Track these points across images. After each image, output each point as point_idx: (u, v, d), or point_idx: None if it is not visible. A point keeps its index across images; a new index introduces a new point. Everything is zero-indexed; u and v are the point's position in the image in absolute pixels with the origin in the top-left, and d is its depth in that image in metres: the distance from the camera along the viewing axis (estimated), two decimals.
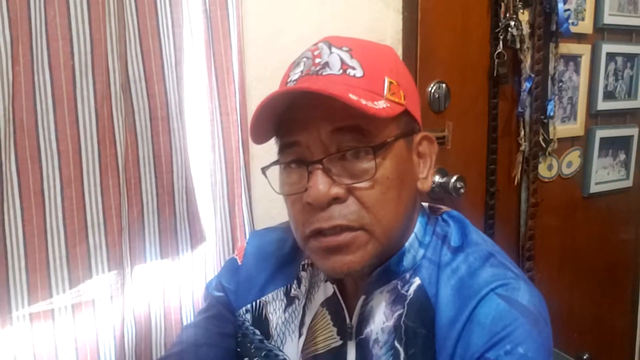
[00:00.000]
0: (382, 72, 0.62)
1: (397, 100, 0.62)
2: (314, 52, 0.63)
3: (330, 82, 0.59)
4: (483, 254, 0.65)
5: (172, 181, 1.01)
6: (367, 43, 0.66)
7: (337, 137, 0.59)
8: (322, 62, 0.61)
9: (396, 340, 0.64)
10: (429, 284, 0.64)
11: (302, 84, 0.61)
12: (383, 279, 0.66)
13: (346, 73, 0.60)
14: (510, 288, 0.60)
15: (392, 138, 0.61)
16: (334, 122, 0.59)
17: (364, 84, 0.60)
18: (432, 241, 0.68)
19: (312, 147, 0.60)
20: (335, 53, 0.61)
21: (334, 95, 0.55)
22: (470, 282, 0.62)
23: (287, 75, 0.65)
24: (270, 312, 0.76)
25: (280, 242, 0.79)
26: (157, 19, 0.96)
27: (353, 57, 0.61)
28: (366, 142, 0.60)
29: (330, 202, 0.59)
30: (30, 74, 0.85)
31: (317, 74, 0.60)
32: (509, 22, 1.39)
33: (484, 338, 0.58)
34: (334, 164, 0.60)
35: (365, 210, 0.60)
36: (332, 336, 0.69)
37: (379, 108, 0.57)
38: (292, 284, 0.76)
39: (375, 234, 0.61)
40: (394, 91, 0.62)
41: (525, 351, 0.57)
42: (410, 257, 0.66)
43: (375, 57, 0.64)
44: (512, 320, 0.58)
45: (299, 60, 0.64)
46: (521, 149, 1.52)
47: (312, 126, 0.60)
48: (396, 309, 0.65)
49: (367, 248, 0.61)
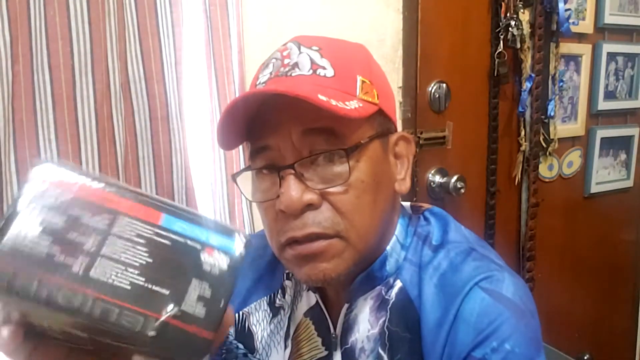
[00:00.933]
0: (353, 71, 0.60)
1: (370, 100, 0.59)
2: (282, 53, 0.61)
3: (299, 83, 0.57)
4: (464, 249, 0.63)
5: (172, 181, 1.01)
6: (338, 42, 0.64)
7: (308, 140, 0.57)
8: (292, 62, 0.59)
9: (380, 347, 0.62)
10: (410, 285, 0.62)
11: (270, 85, 0.59)
12: (366, 285, 0.64)
13: (316, 73, 0.58)
14: (495, 280, 0.59)
15: (366, 139, 0.59)
16: (305, 123, 0.56)
17: (335, 83, 0.58)
18: (412, 242, 0.66)
19: (283, 150, 0.58)
20: (305, 53, 0.59)
21: (301, 97, 0.53)
22: (453, 279, 0.60)
23: (256, 77, 0.63)
24: (254, 324, 0.74)
25: (261, 249, 0.76)
26: (157, 19, 0.96)
27: (323, 56, 0.59)
28: (339, 145, 0.57)
29: (303, 209, 0.57)
30: (30, 73, 0.85)
31: (286, 75, 0.58)
32: (510, 21, 1.39)
33: (469, 336, 0.56)
34: (306, 168, 0.58)
35: (340, 216, 0.58)
36: (317, 347, 0.67)
37: (350, 108, 0.55)
38: (277, 294, 0.73)
39: (351, 241, 0.59)
40: (366, 90, 0.59)
41: (512, 347, 0.55)
42: (392, 261, 0.64)
43: (347, 55, 0.62)
44: (497, 315, 0.56)
45: (268, 61, 0.62)
46: (522, 148, 1.52)
47: (282, 129, 0.57)
48: (380, 315, 0.63)
49: (343, 255, 0.59)
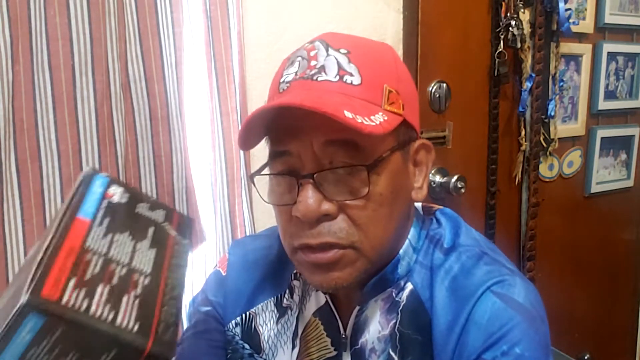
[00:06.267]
0: (381, 79, 0.59)
1: (395, 111, 0.58)
2: (309, 52, 0.59)
3: (325, 92, 0.56)
4: (476, 252, 0.63)
5: (172, 181, 1.01)
6: (366, 44, 0.63)
7: (329, 150, 0.56)
8: (318, 65, 0.58)
9: (391, 348, 0.63)
10: (421, 288, 0.63)
11: (295, 91, 0.58)
12: (378, 288, 0.64)
13: (343, 80, 0.57)
14: (506, 285, 0.59)
15: (387, 152, 0.58)
16: (327, 134, 0.55)
17: (361, 92, 0.57)
18: (424, 245, 0.66)
19: (303, 158, 0.57)
20: (333, 56, 0.58)
21: (328, 114, 0.51)
22: (465, 282, 0.60)
23: (280, 74, 0.62)
24: (260, 324, 0.73)
25: (266, 249, 0.76)
26: (157, 19, 0.96)
27: (351, 61, 0.58)
28: (360, 159, 0.56)
29: (319, 219, 0.57)
30: (30, 73, 0.85)
31: (311, 79, 0.57)
32: (510, 21, 1.39)
33: (480, 339, 0.57)
34: (326, 178, 0.57)
35: (355, 227, 0.58)
36: (327, 347, 0.67)
37: (375, 124, 0.54)
38: (284, 294, 0.73)
39: (364, 252, 0.59)
40: (392, 100, 0.58)
41: (522, 351, 0.55)
42: (405, 264, 0.64)
43: (375, 61, 0.60)
44: (509, 320, 0.57)
45: (294, 58, 0.61)
46: (522, 148, 1.52)
47: (304, 136, 0.57)
48: (391, 317, 0.64)
49: (356, 265, 0.59)
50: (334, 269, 0.59)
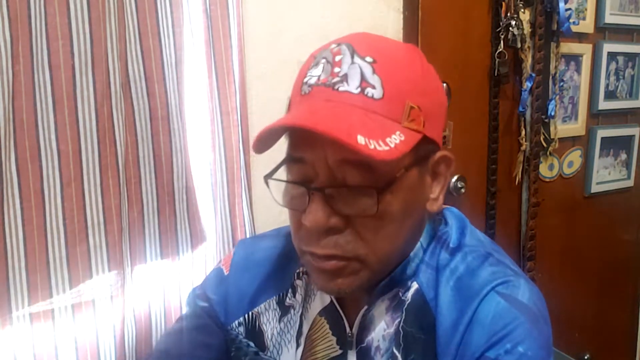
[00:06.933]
0: (404, 94, 0.57)
1: (414, 128, 0.57)
2: (335, 57, 0.58)
3: (344, 106, 0.56)
4: (481, 253, 0.64)
5: (173, 181, 1.01)
6: (394, 52, 0.61)
7: (344, 168, 0.56)
8: (341, 73, 0.57)
9: (394, 347, 0.63)
10: (427, 287, 0.63)
11: (314, 100, 0.57)
12: (387, 289, 0.65)
13: (364, 93, 0.56)
14: (511, 286, 0.60)
15: (401, 172, 0.57)
16: (342, 152, 0.54)
17: (381, 107, 0.56)
18: (431, 245, 0.66)
19: (317, 168, 0.57)
20: (357, 64, 0.57)
21: (340, 141, 0.51)
22: (470, 282, 0.61)
23: (304, 73, 0.61)
24: (264, 323, 0.74)
25: (269, 249, 0.77)
26: (157, 19, 0.96)
27: (375, 72, 0.57)
28: (373, 180, 0.56)
29: (327, 231, 0.57)
30: (31, 73, 0.85)
31: (333, 88, 0.57)
32: (510, 21, 1.39)
33: (484, 337, 0.58)
34: (337, 193, 0.57)
35: (362, 241, 0.58)
36: (332, 345, 0.68)
37: (390, 149, 0.53)
38: (287, 293, 0.74)
39: (369, 264, 0.59)
40: (413, 117, 0.57)
41: (525, 350, 0.56)
42: (413, 265, 0.65)
43: (400, 73, 0.58)
44: (512, 319, 0.58)
45: (319, 58, 0.60)
46: (522, 148, 1.52)
47: (319, 148, 0.56)
48: (396, 316, 0.64)
49: (359, 275, 0.60)
50: (339, 276, 0.60)
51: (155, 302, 1.02)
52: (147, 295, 1.01)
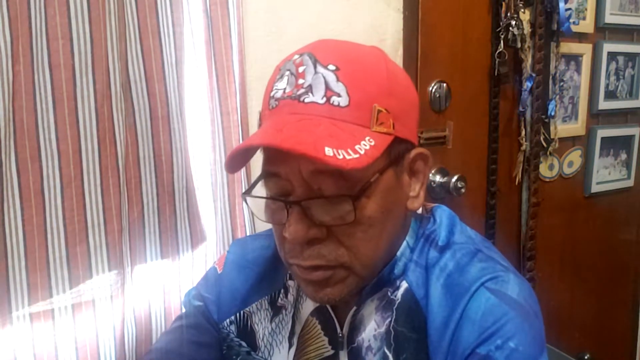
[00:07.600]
0: (370, 98, 0.57)
1: (384, 131, 0.57)
2: (298, 68, 0.58)
3: (310, 118, 0.56)
4: (470, 250, 0.64)
5: (173, 181, 1.01)
6: (357, 56, 0.60)
7: (318, 178, 0.56)
8: (306, 84, 0.57)
9: (386, 346, 0.63)
10: (416, 286, 0.63)
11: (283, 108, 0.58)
12: (375, 289, 0.65)
13: (330, 102, 0.56)
14: (500, 281, 0.60)
15: (376, 176, 0.57)
16: (314, 163, 0.54)
17: (348, 114, 0.56)
18: (419, 243, 0.66)
19: (293, 181, 0.57)
20: (320, 73, 0.57)
21: (307, 156, 0.51)
22: (460, 279, 0.61)
23: (270, 87, 0.61)
24: (256, 323, 0.75)
25: (263, 249, 0.77)
26: (157, 19, 0.96)
27: (339, 79, 0.56)
28: (347, 187, 0.56)
29: (309, 242, 0.58)
30: (31, 73, 0.85)
31: (299, 100, 0.57)
32: (510, 21, 1.39)
33: (474, 334, 0.57)
34: (314, 204, 0.57)
35: (344, 249, 0.58)
36: (324, 346, 0.68)
37: (359, 156, 0.53)
38: (279, 293, 0.74)
39: (355, 270, 0.60)
40: (382, 121, 0.57)
41: (516, 345, 0.56)
42: (401, 264, 0.65)
43: (365, 76, 0.58)
44: (502, 315, 0.57)
45: (283, 71, 0.60)
46: (522, 148, 1.52)
47: (292, 161, 0.56)
48: (386, 315, 0.64)
49: (346, 282, 0.60)
50: (326, 285, 0.60)
51: (156, 302, 1.02)
52: (147, 295, 1.01)
